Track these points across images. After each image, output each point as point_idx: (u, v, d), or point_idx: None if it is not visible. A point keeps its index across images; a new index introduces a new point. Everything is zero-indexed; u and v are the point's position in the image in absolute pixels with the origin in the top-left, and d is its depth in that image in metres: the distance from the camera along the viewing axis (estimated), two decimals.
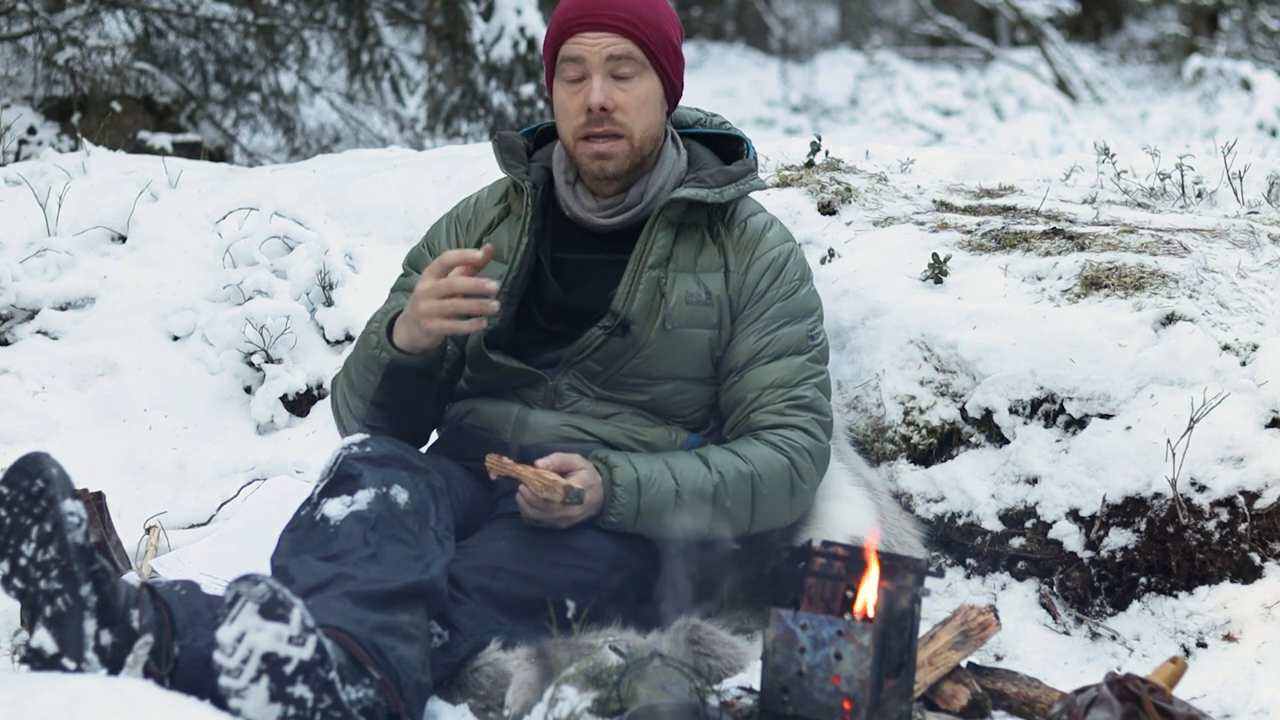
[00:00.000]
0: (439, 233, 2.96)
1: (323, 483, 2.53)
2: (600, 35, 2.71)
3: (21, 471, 2.21)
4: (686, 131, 2.95)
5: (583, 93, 2.72)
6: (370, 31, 8.37)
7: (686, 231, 2.81)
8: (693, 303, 2.78)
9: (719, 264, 2.82)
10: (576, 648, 2.40)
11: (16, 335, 3.82)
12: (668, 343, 2.77)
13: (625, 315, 2.75)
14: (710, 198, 2.78)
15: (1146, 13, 15.99)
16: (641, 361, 2.78)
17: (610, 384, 2.79)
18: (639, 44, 2.72)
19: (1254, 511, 2.85)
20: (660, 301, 2.77)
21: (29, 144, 6.81)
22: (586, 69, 2.71)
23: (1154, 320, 3.07)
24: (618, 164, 2.75)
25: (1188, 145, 5.10)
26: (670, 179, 2.82)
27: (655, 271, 2.77)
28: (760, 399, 2.78)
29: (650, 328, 2.76)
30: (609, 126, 2.72)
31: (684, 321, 2.78)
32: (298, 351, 3.68)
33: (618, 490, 2.64)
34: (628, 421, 2.80)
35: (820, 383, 2.83)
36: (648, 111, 2.75)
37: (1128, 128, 12.04)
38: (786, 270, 2.84)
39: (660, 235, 2.78)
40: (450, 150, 4.55)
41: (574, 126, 2.74)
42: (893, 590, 2.27)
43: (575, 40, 2.72)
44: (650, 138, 2.77)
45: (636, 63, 2.72)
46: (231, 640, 2.11)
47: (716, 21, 17.60)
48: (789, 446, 2.75)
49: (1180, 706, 2.22)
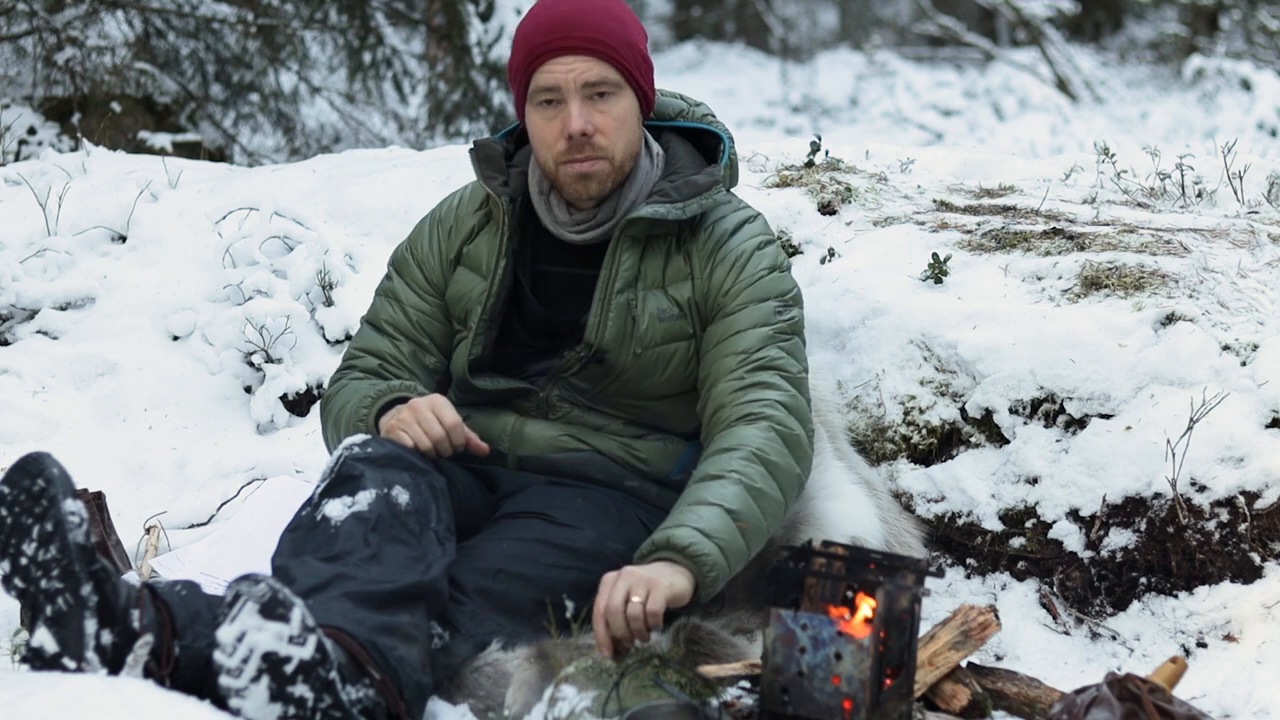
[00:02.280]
0: (421, 234, 2.92)
1: (324, 483, 2.52)
2: (574, 60, 2.65)
3: (23, 471, 2.21)
4: (668, 124, 2.89)
5: (560, 119, 2.66)
6: (371, 31, 8.37)
7: (654, 244, 2.76)
8: (665, 319, 2.74)
9: (686, 272, 2.77)
10: (576, 648, 2.40)
11: (16, 335, 3.82)
12: (645, 365, 2.75)
13: (599, 345, 2.72)
14: (671, 214, 2.71)
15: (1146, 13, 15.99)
16: (622, 385, 2.76)
17: (599, 400, 2.79)
18: (613, 64, 2.66)
19: (1254, 511, 2.85)
20: (632, 327, 2.73)
21: (29, 144, 6.81)
22: (563, 95, 2.66)
23: (1154, 320, 3.07)
24: (600, 184, 2.71)
25: (1188, 145, 5.10)
26: (643, 190, 2.77)
27: (624, 295, 2.73)
28: (723, 367, 2.70)
29: (625, 354, 2.73)
30: (589, 151, 2.67)
31: (659, 340, 2.74)
32: (298, 351, 3.68)
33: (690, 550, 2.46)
34: (622, 433, 2.79)
35: (788, 347, 2.73)
36: (627, 129, 2.70)
37: (1128, 128, 12.04)
38: (751, 262, 2.76)
39: (625, 256, 2.73)
40: (450, 150, 4.54)
41: (554, 152, 2.69)
42: (893, 590, 2.27)
43: (548, 68, 2.66)
44: (630, 155, 2.73)
45: (612, 83, 2.67)
46: (232, 640, 2.11)
47: (716, 21, 17.60)
48: (759, 408, 2.66)
49: (1180, 706, 2.22)
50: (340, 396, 2.82)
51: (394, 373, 2.84)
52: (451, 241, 2.87)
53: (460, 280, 2.84)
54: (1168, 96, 13.61)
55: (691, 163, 2.83)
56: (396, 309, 2.88)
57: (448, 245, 2.87)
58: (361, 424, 2.69)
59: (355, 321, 3.67)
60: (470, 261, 2.84)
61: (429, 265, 2.88)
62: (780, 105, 14.22)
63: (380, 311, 2.90)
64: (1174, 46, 14.85)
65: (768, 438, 2.63)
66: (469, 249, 2.85)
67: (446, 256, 2.86)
